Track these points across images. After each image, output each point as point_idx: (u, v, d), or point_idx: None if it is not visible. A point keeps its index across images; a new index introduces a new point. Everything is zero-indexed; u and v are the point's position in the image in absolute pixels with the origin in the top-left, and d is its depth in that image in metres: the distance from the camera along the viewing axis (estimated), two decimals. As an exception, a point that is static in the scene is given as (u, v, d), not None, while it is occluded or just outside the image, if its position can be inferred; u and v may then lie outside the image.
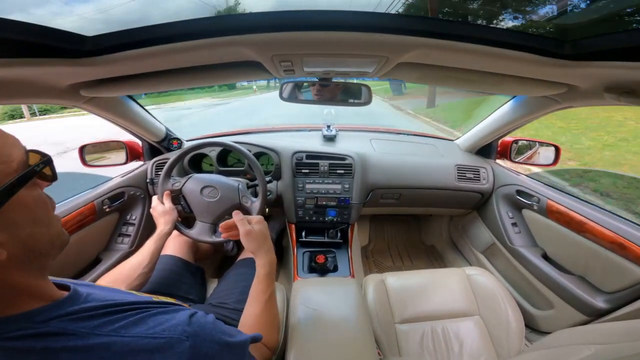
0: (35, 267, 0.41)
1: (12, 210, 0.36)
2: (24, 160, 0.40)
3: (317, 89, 1.11)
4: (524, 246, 1.40)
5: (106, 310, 0.44)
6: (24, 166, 0.39)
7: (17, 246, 0.37)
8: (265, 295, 0.73)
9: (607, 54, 0.59)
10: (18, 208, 0.37)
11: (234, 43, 0.63)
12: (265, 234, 0.76)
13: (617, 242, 1.00)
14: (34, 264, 0.40)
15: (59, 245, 0.45)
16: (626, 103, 0.72)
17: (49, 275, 0.46)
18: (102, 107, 1.12)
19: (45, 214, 0.43)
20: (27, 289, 0.40)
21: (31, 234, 0.39)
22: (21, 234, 0.38)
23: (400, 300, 1.18)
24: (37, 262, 0.41)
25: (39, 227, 0.40)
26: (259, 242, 0.75)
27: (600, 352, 0.52)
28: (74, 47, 0.62)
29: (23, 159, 0.40)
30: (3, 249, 0.35)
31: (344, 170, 1.54)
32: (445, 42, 0.61)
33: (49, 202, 0.44)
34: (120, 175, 1.49)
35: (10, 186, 0.36)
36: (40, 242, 0.41)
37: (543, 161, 1.54)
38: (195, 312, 0.50)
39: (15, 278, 0.38)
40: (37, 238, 0.40)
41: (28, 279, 0.40)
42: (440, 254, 2.13)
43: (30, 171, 0.39)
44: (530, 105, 1.20)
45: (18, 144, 0.41)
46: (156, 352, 0.41)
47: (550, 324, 1.26)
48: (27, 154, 0.41)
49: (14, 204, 0.37)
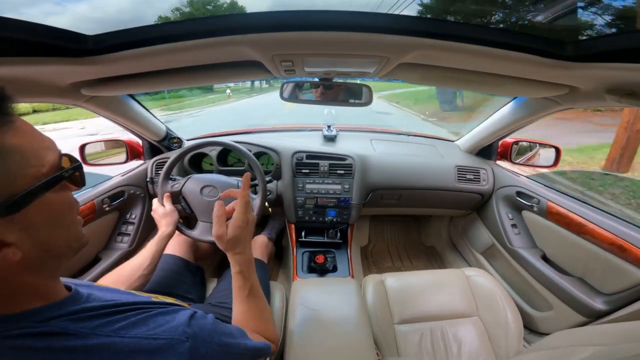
0: (48, 267, 0.41)
1: (34, 212, 0.37)
2: (57, 164, 0.40)
3: (317, 89, 1.11)
4: (523, 247, 1.40)
5: (107, 311, 0.44)
6: (55, 170, 0.40)
7: (33, 247, 0.37)
8: (243, 293, 0.71)
9: (608, 56, 0.59)
10: (41, 210, 0.37)
11: (234, 42, 0.63)
12: (237, 238, 0.70)
13: (617, 243, 1.00)
14: (48, 264, 0.41)
15: (76, 248, 0.45)
16: (628, 105, 0.72)
17: None
18: (103, 106, 1.12)
19: (68, 217, 0.43)
20: (34, 289, 0.40)
21: (50, 235, 0.39)
22: (40, 235, 0.38)
23: (399, 300, 1.18)
24: (51, 263, 0.41)
25: (58, 230, 0.41)
26: (230, 244, 0.69)
27: (598, 354, 0.52)
28: (75, 46, 0.62)
29: (56, 163, 0.40)
30: (18, 249, 0.35)
31: (344, 171, 1.54)
32: (447, 43, 0.61)
33: (75, 205, 0.45)
34: (121, 174, 1.49)
35: (36, 189, 0.36)
36: (57, 244, 0.41)
37: (543, 162, 1.54)
38: (195, 313, 0.50)
39: (25, 278, 0.38)
40: (55, 240, 0.40)
41: (38, 279, 0.40)
42: (440, 254, 2.13)
43: (58, 176, 0.40)
44: (531, 107, 1.20)
45: (53, 146, 0.41)
46: (156, 353, 0.42)
47: (549, 325, 1.26)
48: (60, 158, 0.41)
49: (38, 205, 0.37)
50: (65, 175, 0.41)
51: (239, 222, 0.70)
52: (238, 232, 0.69)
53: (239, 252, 0.71)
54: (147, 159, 1.60)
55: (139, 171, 1.54)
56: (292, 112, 12.20)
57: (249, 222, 0.72)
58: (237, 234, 0.69)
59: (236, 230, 0.69)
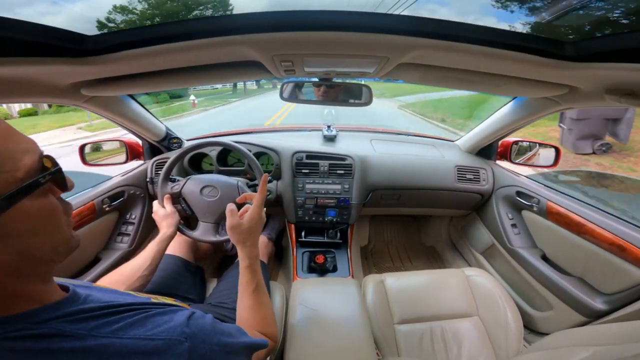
0: (33, 273, 0.39)
1: (10, 220, 0.34)
2: (35, 168, 0.38)
3: (317, 89, 1.11)
4: (523, 247, 1.40)
5: (104, 312, 0.44)
6: (33, 174, 0.37)
7: (9, 255, 0.35)
8: (250, 287, 0.73)
9: (608, 56, 0.59)
10: (17, 218, 0.35)
11: (235, 43, 0.64)
12: (251, 230, 0.76)
13: (617, 243, 1.00)
14: (32, 270, 0.39)
15: (64, 251, 0.43)
16: (627, 105, 0.72)
17: None
18: (102, 106, 1.12)
19: (51, 224, 0.40)
20: (22, 293, 0.39)
21: (31, 243, 0.37)
22: (17, 243, 0.36)
23: (399, 300, 1.18)
24: (36, 269, 0.40)
25: (40, 237, 0.39)
26: (243, 236, 0.75)
27: (598, 354, 0.52)
28: (75, 46, 0.62)
29: (34, 167, 0.37)
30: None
31: (344, 171, 1.54)
32: (446, 43, 0.62)
33: (61, 208, 0.42)
34: (121, 174, 1.49)
35: (10, 196, 0.34)
36: (40, 250, 0.39)
37: (543, 162, 1.54)
38: (194, 313, 0.50)
39: (7, 284, 0.37)
40: (37, 247, 0.38)
41: (23, 284, 0.39)
42: (440, 254, 2.13)
43: (34, 182, 0.37)
44: (531, 107, 1.20)
45: (33, 149, 0.38)
46: (154, 354, 0.41)
47: (548, 325, 1.26)
48: (41, 161, 0.39)
49: (14, 213, 0.35)
50: (42, 182, 0.38)
51: (255, 215, 0.77)
52: (253, 223, 0.76)
53: (250, 245, 0.75)
54: (147, 159, 1.60)
55: (139, 171, 1.54)
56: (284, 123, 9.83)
57: (261, 217, 0.79)
58: (252, 225, 0.76)
59: (251, 222, 0.76)
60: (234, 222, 0.74)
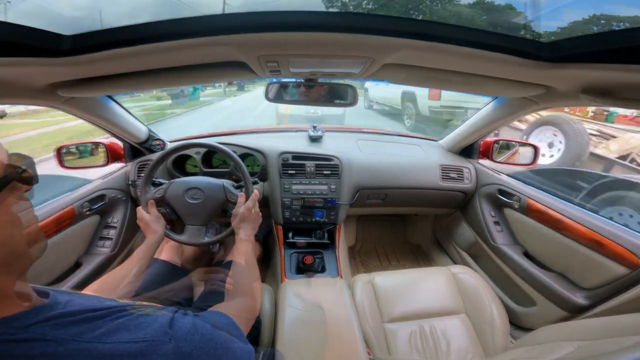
0: (14, 269, 0.40)
1: None
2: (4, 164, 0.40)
3: (303, 89, 1.11)
4: (506, 244, 1.44)
5: (86, 316, 0.43)
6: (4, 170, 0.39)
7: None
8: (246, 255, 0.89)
9: (584, 56, 0.61)
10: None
11: (219, 43, 0.63)
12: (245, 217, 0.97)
13: (595, 239, 1.04)
14: (13, 266, 0.40)
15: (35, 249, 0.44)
16: (602, 104, 0.75)
17: None
18: (81, 108, 1.08)
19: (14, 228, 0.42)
20: (5, 293, 0.39)
21: (11, 235, 0.39)
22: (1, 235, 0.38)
23: (388, 299, 1.19)
24: (16, 264, 0.41)
25: (18, 229, 0.40)
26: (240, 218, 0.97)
27: (583, 349, 0.53)
28: (52, 46, 0.60)
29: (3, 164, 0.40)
30: None
31: (331, 171, 1.55)
32: (429, 44, 0.62)
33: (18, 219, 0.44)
34: (101, 178, 1.44)
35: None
36: (20, 243, 0.41)
37: (523, 160, 1.58)
38: (176, 312, 0.51)
39: None
40: (17, 240, 0.40)
41: (6, 281, 0.39)
42: (426, 253, 2.16)
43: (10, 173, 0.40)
44: (511, 107, 1.23)
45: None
46: (139, 357, 0.41)
47: (533, 320, 1.30)
48: (8, 157, 0.41)
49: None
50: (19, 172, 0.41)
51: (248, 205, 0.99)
52: (245, 211, 0.98)
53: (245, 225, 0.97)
54: (128, 162, 1.55)
55: (120, 174, 1.50)
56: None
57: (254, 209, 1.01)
58: (244, 212, 0.97)
59: (245, 210, 0.98)
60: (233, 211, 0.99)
